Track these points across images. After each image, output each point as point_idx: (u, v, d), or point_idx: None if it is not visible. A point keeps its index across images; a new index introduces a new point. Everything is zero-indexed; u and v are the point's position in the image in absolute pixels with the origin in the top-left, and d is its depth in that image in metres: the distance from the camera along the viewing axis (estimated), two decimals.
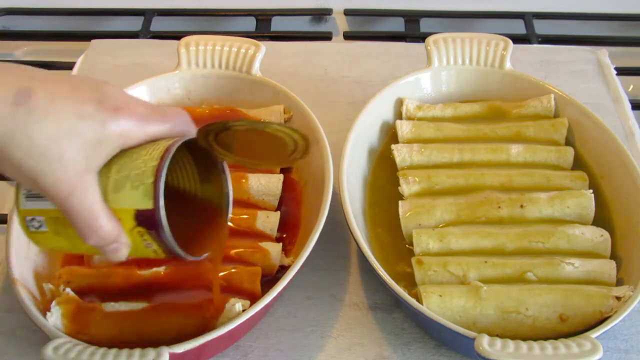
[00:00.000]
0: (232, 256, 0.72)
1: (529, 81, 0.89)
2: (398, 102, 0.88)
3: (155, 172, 0.51)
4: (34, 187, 0.51)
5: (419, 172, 0.80)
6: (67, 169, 0.49)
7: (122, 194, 0.51)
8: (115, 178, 0.52)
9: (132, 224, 0.52)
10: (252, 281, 0.69)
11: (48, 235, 0.55)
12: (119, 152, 0.52)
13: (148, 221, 0.51)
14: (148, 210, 0.51)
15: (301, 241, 0.74)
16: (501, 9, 1.20)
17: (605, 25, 1.21)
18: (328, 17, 1.22)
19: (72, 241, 0.54)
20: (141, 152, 0.52)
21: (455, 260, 0.71)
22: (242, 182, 0.78)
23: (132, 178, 0.51)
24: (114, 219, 0.51)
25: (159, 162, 0.51)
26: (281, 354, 0.71)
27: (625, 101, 0.98)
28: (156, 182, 0.50)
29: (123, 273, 0.71)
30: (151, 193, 0.50)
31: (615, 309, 0.66)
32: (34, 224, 0.55)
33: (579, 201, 0.76)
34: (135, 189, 0.51)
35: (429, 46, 0.89)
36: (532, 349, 0.61)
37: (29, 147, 0.47)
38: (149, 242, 0.53)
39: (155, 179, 0.50)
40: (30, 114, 0.47)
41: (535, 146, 0.82)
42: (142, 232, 0.52)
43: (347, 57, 1.07)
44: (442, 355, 0.71)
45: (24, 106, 0.47)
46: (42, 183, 0.49)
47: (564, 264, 0.70)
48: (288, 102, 0.85)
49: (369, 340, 0.72)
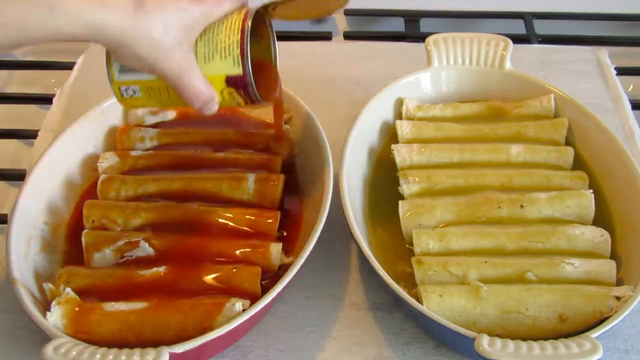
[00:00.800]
0: (232, 255, 0.72)
1: (529, 81, 0.89)
2: (398, 102, 0.88)
3: (240, 45, 0.64)
4: (150, 71, 0.63)
5: (419, 172, 0.80)
6: (176, 53, 0.62)
7: (213, 64, 0.65)
8: (204, 52, 0.65)
9: (222, 86, 0.66)
10: (252, 281, 0.69)
11: (141, 99, 0.69)
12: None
13: (238, 83, 0.66)
14: (238, 75, 0.65)
15: (302, 240, 0.74)
16: (501, 9, 1.20)
17: (605, 25, 1.21)
18: (328, 17, 1.21)
19: (162, 101, 0.69)
20: (221, 28, 0.65)
21: (455, 260, 0.71)
22: (242, 182, 0.78)
23: (220, 51, 0.65)
24: (210, 85, 0.65)
25: (240, 35, 0.64)
26: (281, 354, 0.71)
27: (625, 101, 0.98)
28: (243, 53, 0.64)
29: (123, 273, 0.71)
30: (239, 62, 0.65)
31: (615, 309, 0.66)
32: (128, 92, 0.68)
33: (579, 201, 0.76)
34: (224, 59, 0.65)
35: (429, 46, 0.89)
36: (532, 349, 0.61)
37: (149, 42, 0.60)
38: (235, 97, 0.67)
39: (241, 50, 0.64)
40: (147, 15, 0.59)
41: (535, 146, 0.82)
42: (232, 91, 0.66)
43: (347, 57, 1.07)
44: (442, 355, 0.71)
45: (141, 10, 0.59)
46: (160, 68, 0.62)
47: (564, 264, 0.70)
48: (288, 102, 0.85)
49: (369, 340, 0.72)
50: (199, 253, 0.72)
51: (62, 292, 0.68)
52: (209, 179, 0.79)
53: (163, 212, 0.77)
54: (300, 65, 1.04)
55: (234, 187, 0.78)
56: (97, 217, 0.77)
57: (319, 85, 1.01)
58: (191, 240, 0.73)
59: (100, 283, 0.70)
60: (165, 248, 0.73)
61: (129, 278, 0.70)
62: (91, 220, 0.77)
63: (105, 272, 0.72)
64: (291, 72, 1.02)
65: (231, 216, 0.75)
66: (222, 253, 0.72)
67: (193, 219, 0.76)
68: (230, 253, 0.72)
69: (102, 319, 0.66)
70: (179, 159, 0.83)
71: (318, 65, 1.05)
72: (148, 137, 0.86)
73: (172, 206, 0.77)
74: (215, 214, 0.76)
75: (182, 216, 0.76)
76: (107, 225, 0.77)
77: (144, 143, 0.86)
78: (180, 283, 0.70)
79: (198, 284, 0.69)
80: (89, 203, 0.78)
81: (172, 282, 0.70)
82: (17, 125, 1.01)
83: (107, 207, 0.78)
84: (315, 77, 1.02)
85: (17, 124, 1.02)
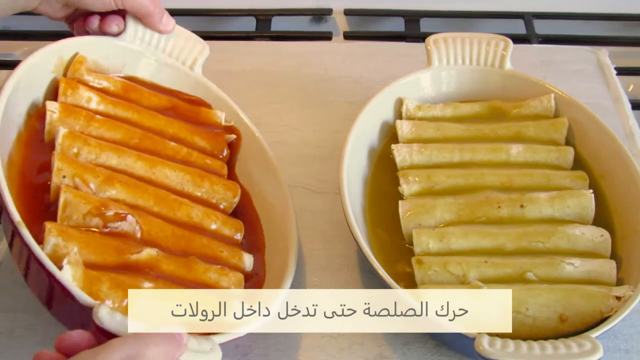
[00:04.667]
0: (213, 256, 0.71)
1: (529, 81, 0.89)
2: (398, 102, 0.88)
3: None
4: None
5: (419, 172, 0.80)
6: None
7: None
8: None
9: None
10: (239, 286, 0.70)
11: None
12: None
13: None
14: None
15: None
16: (501, 9, 1.20)
17: (605, 25, 1.21)
18: (328, 17, 1.22)
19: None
20: None
21: (455, 260, 0.71)
22: (205, 180, 0.77)
23: None
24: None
25: None
26: (281, 354, 0.71)
27: (625, 101, 0.98)
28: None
29: (116, 246, 0.65)
30: None
31: (616, 308, 0.66)
32: None
33: (579, 201, 0.76)
34: None
35: (429, 46, 0.89)
36: (532, 348, 0.61)
37: None
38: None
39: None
40: None
41: (535, 146, 0.82)
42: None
43: (347, 57, 1.07)
44: (442, 355, 0.71)
45: None
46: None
47: (564, 263, 0.70)
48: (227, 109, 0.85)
49: (369, 340, 0.72)
50: (181, 244, 0.70)
51: (69, 250, 0.62)
52: (172, 169, 0.76)
53: (138, 191, 0.71)
54: (300, 65, 1.04)
55: (197, 185, 0.76)
56: (69, 174, 0.68)
57: (319, 85, 1.01)
58: (170, 227, 0.70)
59: (93, 251, 0.64)
60: (148, 228, 0.69)
61: (123, 252, 0.65)
62: (62, 175, 0.68)
63: (97, 240, 0.65)
64: (291, 72, 1.03)
65: (202, 216, 0.74)
66: (204, 249, 0.71)
67: (166, 204, 0.72)
68: (210, 250, 0.71)
69: (110, 292, 0.61)
70: (135, 135, 0.77)
71: (318, 65, 1.05)
72: (95, 100, 0.77)
73: (145, 188, 0.72)
74: (185, 206, 0.73)
75: (154, 198, 0.72)
76: (79, 186, 0.68)
77: (89, 104, 0.77)
78: (175, 272, 0.67)
79: (190, 274, 0.68)
80: (62, 155, 0.70)
81: (168, 269, 0.67)
82: None
83: (81, 166, 0.70)
84: (315, 77, 1.02)
85: None
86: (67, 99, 0.76)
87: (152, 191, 0.72)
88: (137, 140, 0.76)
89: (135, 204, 0.70)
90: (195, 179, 0.77)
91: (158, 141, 0.78)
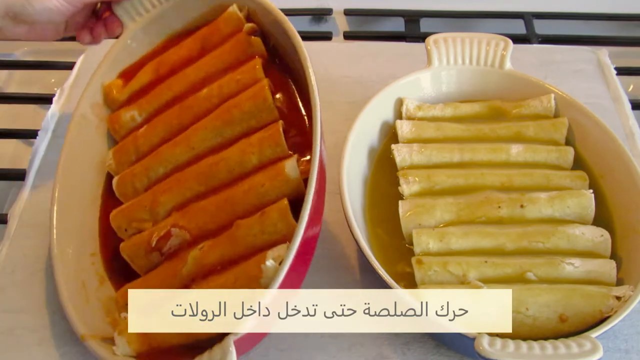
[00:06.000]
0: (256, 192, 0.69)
1: (529, 81, 0.89)
2: (398, 102, 0.88)
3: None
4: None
5: (419, 172, 0.80)
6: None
7: None
8: None
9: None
10: (284, 218, 0.66)
11: None
12: None
13: None
14: None
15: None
16: (501, 9, 1.20)
17: (605, 25, 1.21)
18: (328, 17, 1.22)
19: None
20: None
21: (455, 260, 0.71)
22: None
23: None
24: None
25: None
26: (281, 354, 0.71)
27: (625, 101, 0.98)
28: None
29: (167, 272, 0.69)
30: None
31: (616, 308, 0.66)
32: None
33: (579, 201, 0.76)
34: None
35: (429, 46, 0.89)
36: (532, 348, 0.61)
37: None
38: None
39: None
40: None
41: (536, 146, 0.82)
42: None
43: (347, 57, 1.07)
44: (442, 355, 0.71)
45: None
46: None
47: (564, 263, 0.70)
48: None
49: (369, 340, 0.72)
50: (227, 211, 0.69)
51: (121, 319, 0.66)
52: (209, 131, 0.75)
53: (176, 184, 0.73)
54: None
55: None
56: (126, 224, 0.74)
57: (319, 85, 1.00)
58: (214, 200, 0.70)
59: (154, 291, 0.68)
60: (195, 223, 0.70)
61: (174, 274, 0.68)
62: (123, 229, 0.75)
63: (153, 277, 0.69)
64: None
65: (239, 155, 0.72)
66: (246, 197, 0.69)
67: (206, 175, 0.72)
68: (252, 194, 0.69)
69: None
70: (171, 118, 0.78)
71: (318, 65, 1.04)
72: (136, 113, 0.81)
73: (180, 175, 0.73)
74: (223, 160, 0.72)
75: (196, 179, 0.72)
76: (140, 227, 0.74)
77: (135, 121, 0.81)
78: (222, 256, 0.67)
79: (236, 248, 0.67)
80: (112, 215, 0.76)
81: (213, 259, 0.67)
82: (17, 125, 1.01)
83: (128, 209, 0.75)
84: (316, 77, 1.02)
85: (17, 123, 1.02)
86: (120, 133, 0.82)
87: (194, 174, 0.73)
88: (176, 121, 0.78)
89: (182, 201, 0.73)
90: (229, 117, 0.74)
91: (193, 104, 0.78)
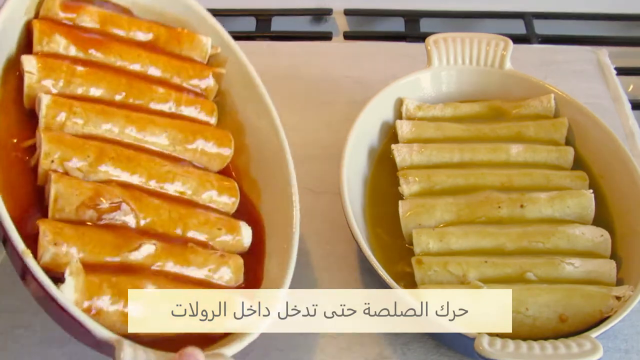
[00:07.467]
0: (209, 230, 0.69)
1: (529, 81, 0.89)
2: (398, 102, 0.88)
3: None
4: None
5: (419, 172, 0.80)
6: None
7: None
8: None
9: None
10: (238, 272, 0.69)
11: None
12: None
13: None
14: None
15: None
16: (501, 9, 1.20)
17: (605, 25, 1.21)
18: (328, 17, 1.22)
19: None
20: None
21: (455, 260, 0.71)
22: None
23: None
24: None
25: None
26: (281, 354, 0.71)
27: (625, 101, 0.98)
28: None
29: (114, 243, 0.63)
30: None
31: (616, 308, 0.66)
32: None
33: (579, 201, 0.76)
34: None
35: (429, 46, 0.89)
36: (532, 348, 0.61)
37: None
38: None
39: None
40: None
41: (536, 146, 0.82)
42: None
43: (347, 57, 1.07)
44: (442, 355, 0.71)
45: None
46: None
47: (564, 263, 0.70)
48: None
49: (369, 340, 0.72)
50: (179, 226, 0.67)
51: (70, 259, 0.59)
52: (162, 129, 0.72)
53: (130, 165, 0.67)
54: (300, 65, 1.04)
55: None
56: (58, 158, 0.63)
57: (319, 85, 1.01)
58: (167, 208, 0.67)
59: (91, 251, 0.61)
60: (145, 214, 0.66)
61: (121, 248, 0.62)
62: (50, 159, 0.63)
63: (94, 237, 0.61)
64: (291, 72, 1.02)
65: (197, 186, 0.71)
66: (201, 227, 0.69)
67: (161, 178, 0.69)
68: (207, 229, 0.69)
69: (113, 299, 0.60)
70: (120, 86, 0.72)
71: (318, 65, 1.05)
72: (73, 47, 0.71)
73: (137, 160, 0.68)
74: (183, 179, 0.70)
75: (149, 177, 0.68)
76: (69, 171, 0.64)
77: (68, 51, 0.71)
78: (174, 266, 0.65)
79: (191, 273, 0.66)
80: (51, 136, 0.64)
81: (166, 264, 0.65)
82: None
83: (69, 145, 0.64)
84: (315, 77, 1.02)
85: None
86: (44, 47, 0.69)
87: (145, 163, 0.68)
88: (124, 92, 0.72)
89: (128, 182, 0.67)
90: (188, 136, 0.73)
91: (145, 90, 0.73)
